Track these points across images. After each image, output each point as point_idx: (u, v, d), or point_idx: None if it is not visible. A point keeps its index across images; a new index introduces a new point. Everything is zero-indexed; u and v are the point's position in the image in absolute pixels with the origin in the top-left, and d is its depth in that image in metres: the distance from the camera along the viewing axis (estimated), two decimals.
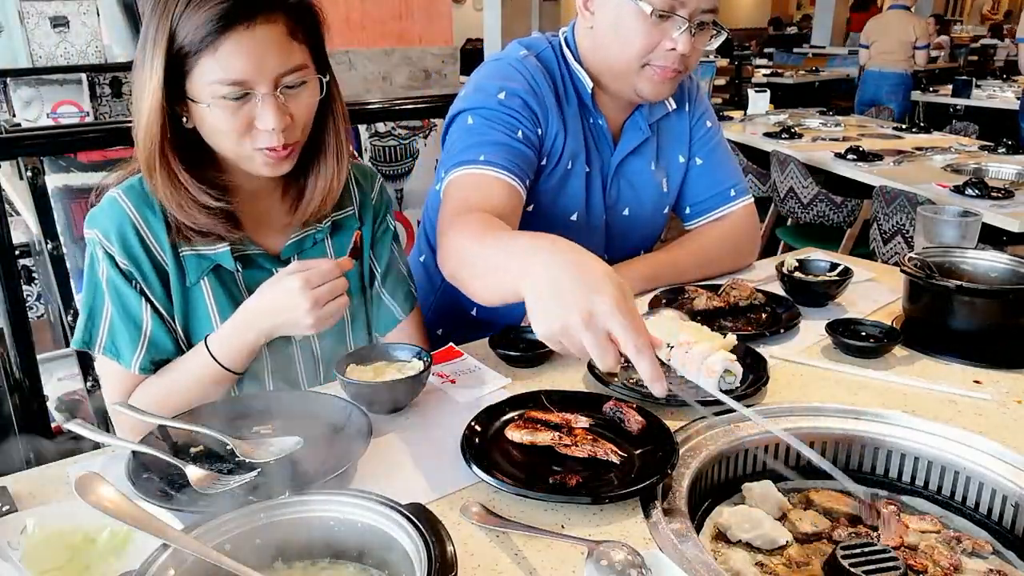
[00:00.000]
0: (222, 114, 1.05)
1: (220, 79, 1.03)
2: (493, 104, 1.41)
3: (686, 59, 1.40)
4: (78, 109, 4.10)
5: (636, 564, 0.72)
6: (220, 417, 1.02)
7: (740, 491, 1.00)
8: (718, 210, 1.66)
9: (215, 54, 1.02)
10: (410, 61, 5.51)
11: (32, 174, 1.48)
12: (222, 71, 1.02)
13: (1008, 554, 0.93)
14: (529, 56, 1.49)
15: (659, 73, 1.41)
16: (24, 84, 3.98)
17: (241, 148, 1.10)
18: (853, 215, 3.76)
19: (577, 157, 1.50)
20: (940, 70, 9.36)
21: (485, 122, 1.40)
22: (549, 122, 1.45)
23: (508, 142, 1.38)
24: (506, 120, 1.40)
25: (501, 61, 1.50)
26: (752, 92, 5.58)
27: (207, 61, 1.03)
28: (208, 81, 1.03)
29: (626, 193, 1.60)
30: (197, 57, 1.03)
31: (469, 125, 1.41)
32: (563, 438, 0.96)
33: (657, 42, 1.38)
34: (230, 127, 1.07)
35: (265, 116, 1.06)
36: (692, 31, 1.37)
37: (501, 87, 1.43)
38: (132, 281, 1.16)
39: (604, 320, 0.81)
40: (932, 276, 1.24)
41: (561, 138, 1.47)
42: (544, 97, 1.44)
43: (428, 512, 0.74)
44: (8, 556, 0.79)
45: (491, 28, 10.08)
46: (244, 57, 1.02)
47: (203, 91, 1.05)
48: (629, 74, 1.43)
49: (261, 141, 1.09)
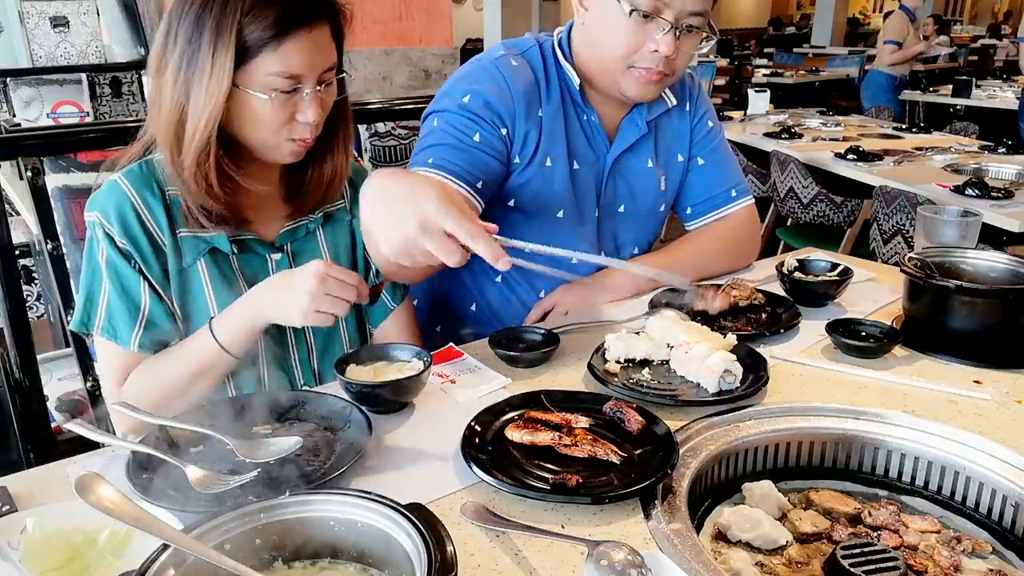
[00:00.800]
0: (272, 105, 1.14)
1: (279, 72, 1.12)
2: (455, 108, 1.44)
3: (672, 62, 1.40)
4: (78, 109, 4.10)
5: (636, 564, 0.72)
6: (220, 417, 1.02)
7: (740, 491, 1.00)
8: (719, 210, 1.66)
9: (278, 49, 1.11)
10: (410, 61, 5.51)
11: (32, 174, 1.48)
12: (282, 65, 1.12)
13: (1008, 554, 0.93)
14: (506, 55, 1.50)
15: (643, 74, 1.41)
16: (24, 84, 3.98)
17: (277, 137, 1.17)
18: (853, 215, 3.76)
19: (557, 154, 1.50)
20: (940, 70, 9.37)
21: (444, 125, 1.43)
22: (516, 122, 1.46)
23: (461, 147, 1.41)
24: (465, 124, 1.43)
25: (476, 63, 1.52)
26: (752, 92, 5.58)
27: (269, 55, 1.11)
28: (267, 73, 1.12)
29: (622, 190, 1.60)
30: (259, 51, 1.11)
31: (432, 127, 1.45)
32: (563, 438, 0.96)
33: (641, 43, 1.38)
34: (276, 118, 1.15)
35: (309, 110, 1.16)
36: (677, 34, 1.37)
37: (467, 90, 1.45)
38: (131, 261, 1.19)
39: (436, 221, 0.91)
40: (932, 276, 1.24)
41: (534, 135, 1.48)
42: (512, 98, 1.45)
43: (428, 512, 0.74)
44: (8, 556, 0.79)
45: (491, 28, 10.08)
46: (301, 55, 1.12)
47: (260, 82, 1.12)
48: (615, 73, 1.44)
49: (297, 132, 1.18)
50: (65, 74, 4.11)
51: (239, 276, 1.26)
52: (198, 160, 1.14)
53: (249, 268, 1.27)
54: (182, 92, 1.13)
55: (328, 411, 1.05)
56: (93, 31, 4.56)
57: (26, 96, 3.98)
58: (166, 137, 1.16)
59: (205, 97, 1.11)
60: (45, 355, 2.23)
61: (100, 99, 4.19)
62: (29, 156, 1.48)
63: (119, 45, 4.88)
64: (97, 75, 4.18)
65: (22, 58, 4.43)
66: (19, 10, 4.35)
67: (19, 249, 2.38)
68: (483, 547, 0.81)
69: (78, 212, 1.47)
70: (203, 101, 1.11)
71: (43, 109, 4.01)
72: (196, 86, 1.12)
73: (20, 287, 1.61)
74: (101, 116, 4.18)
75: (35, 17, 4.42)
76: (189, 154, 1.14)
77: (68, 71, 4.15)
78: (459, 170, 1.38)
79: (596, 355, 1.21)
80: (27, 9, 4.38)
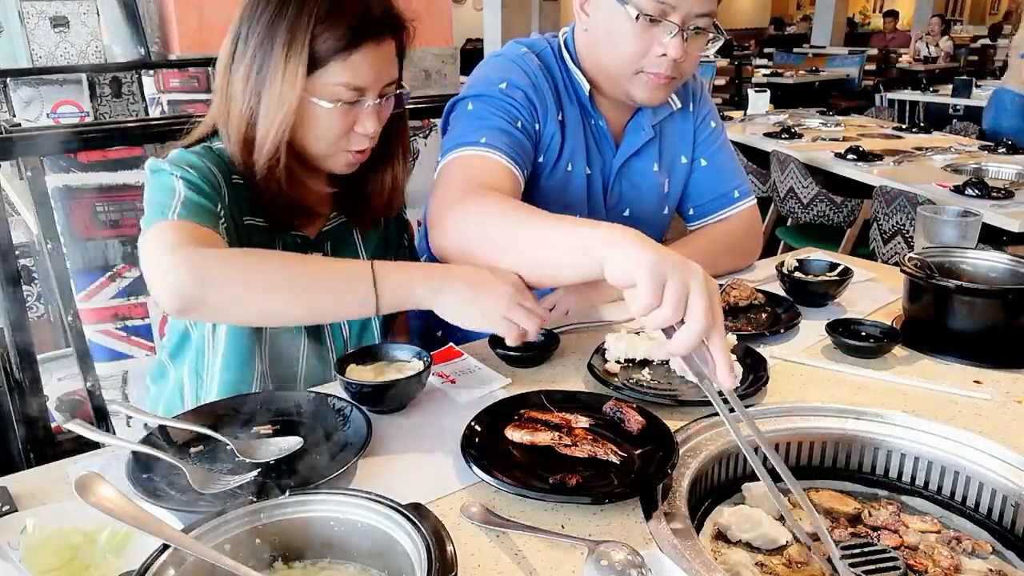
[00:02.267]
0: (335, 114, 1.15)
1: (346, 83, 1.13)
2: (495, 92, 1.41)
3: (680, 65, 1.38)
4: (78, 109, 4.10)
5: (636, 564, 0.72)
6: (220, 417, 1.02)
7: (740, 491, 1.00)
8: (722, 212, 1.65)
9: (347, 60, 1.12)
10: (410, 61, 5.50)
11: (32, 174, 1.47)
12: (350, 76, 1.13)
13: (1008, 554, 0.93)
14: (529, 54, 1.49)
15: (652, 79, 1.40)
16: (24, 84, 3.98)
17: (335, 147, 1.19)
18: (853, 215, 3.76)
19: (577, 158, 1.50)
20: (940, 70, 9.37)
21: (486, 108, 1.40)
22: (547, 119, 1.45)
23: (509, 129, 1.38)
24: (507, 108, 1.40)
25: (502, 57, 1.50)
26: (752, 92, 5.58)
27: (337, 65, 1.13)
28: (334, 83, 1.13)
29: (628, 194, 1.60)
30: (328, 61, 1.12)
31: (469, 111, 1.41)
32: (563, 438, 0.96)
33: (648, 47, 1.36)
34: (338, 127, 1.17)
35: (368, 122, 1.17)
36: (684, 36, 1.35)
37: (503, 79, 1.43)
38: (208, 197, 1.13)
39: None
40: (932, 276, 1.24)
41: (559, 137, 1.47)
42: (544, 94, 1.44)
43: (428, 512, 0.74)
44: (8, 556, 0.79)
45: (491, 28, 10.08)
46: (368, 67, 1.14)
47: (327, 92, 1.14)
48: (622, 79, 1.42)
49: (354, 144, 1.20)
50: (65, 74, 4.11)
51: None
52: (270, 163, 1.15)
53: None
54: (253, 95, 1.14)
55: (328, 411, 1.05)
56: (93, 31, 4.56)
57: (26, 96, 3.99)
58: (236, 138, 1.17)
59: (277, 102, 1.12)
60: (45, 355, 2.22)
61: (100, 99, 4.19)
62: (29, 156, 1.48)
63: (119, 45, 4.88)
64: (97, 75, 4.18)
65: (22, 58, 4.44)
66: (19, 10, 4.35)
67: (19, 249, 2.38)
68: (483, 547, 0.81)
69: (78, 212, 1.47)
70: (275, 106, 1.12)
71: (43, 109, 4.01)
72: (267, 91, 1.12)
73: (20, 287, 1.61)
74: (101, 116, 4.18)
75: (35, 17, 4.42)
76: (261, 157, 1.15)
77: (68, 71, 4.15)
78: (514, 153, 1.35)
79: (596, 355, 1.21)
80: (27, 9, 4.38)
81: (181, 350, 1.33)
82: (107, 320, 1.52)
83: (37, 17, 4.43)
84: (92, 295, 1.50)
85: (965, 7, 20.04)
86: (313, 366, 1.32)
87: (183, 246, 1.01)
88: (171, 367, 1.35)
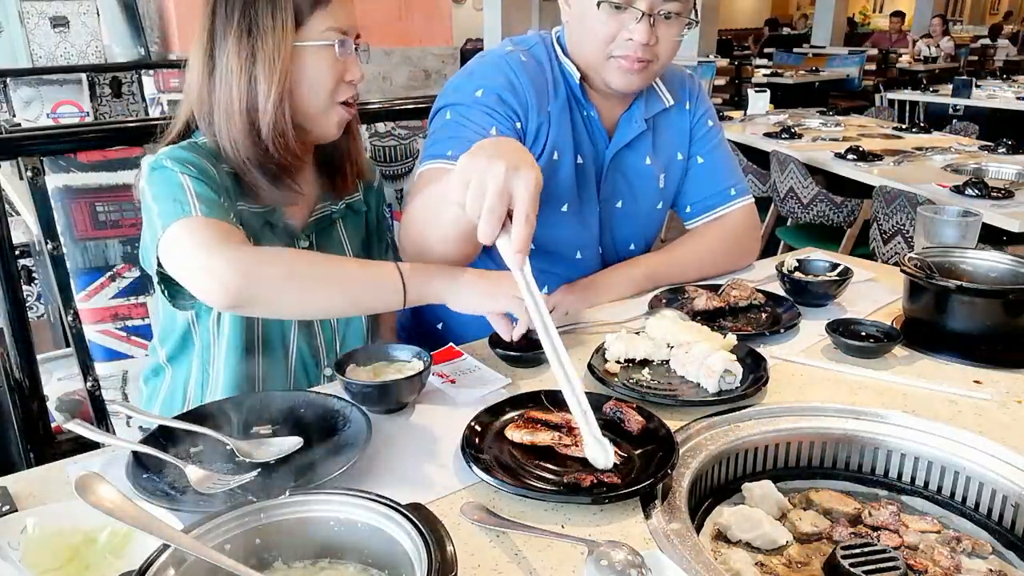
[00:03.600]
0: (327, 61, 1.22)
1: (331, 27, 1.22)
2: (469, 102, 1.44)
3: (652, 48, 1.41)
4: (78, 109, 4.11)
5: (636, 564, 0.72)
6: (220, 417, 1.02)
7: (740, 491, 1.00)
8: (718, 209, 1.66)
9: (327, 8, 1.21)
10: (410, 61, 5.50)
11: (32, 174, 1.47)
12: (334, 20, 1.22)
13: (1008, 554, 0.93)
14: (515, 51, 1.51)
15: (623, 63, 1.42)
16: (24, 84, 3.99)
17: (328, 100, 1.25)
18: (853, 215, 3.76)
19: (564, 149, 1.51)
20: (940, 70, 9.37)
21: (460, 118, 1.43)
22: (529, 116, 1.47)
23: (479, 139, 1.39)
24: (480, 117, 1.43)
25: (484, 58, 1.53)
26: (752, 92, 5.58)
27: (320, 13, 1.21)
28: (321, 29, 1.21)
29: (620, 186, 1.60)
30: (312, 10, 1.20)
31: (446, 120, 1.45)
32: (563, 438, 0.96)
33: (615, 33, 1.40)
34: (330, 75, 1.23)
35: (355, 68, 1.26)
36: (652, 21, 1.38)
37: (479, 85, 1.45)
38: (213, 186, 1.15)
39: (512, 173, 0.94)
40: (932, 276, 1.24)
41: (544, 130, 1.48)
42: (524, 92, 1.46)
43: (428, 512, 0.74)
44: (8, 556, 0.79)
45: (491, 28, 10.08)
46: (345, 11, 1.24)
47: (316, 36, 1.21)
48: (597, 64, 1.46)
49: (343, 93, 1.26)
50: (65, 74, 4.11)
51: None
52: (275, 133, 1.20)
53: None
54: (247, 59, 1.18)
55: (328, 411, 1.04)
56: (93, 31, 4.57)
57: (26, 96, 3.99)
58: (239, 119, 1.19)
59: (274, 54, 1.18)
60: (45, 355, 2.22)
61: (100, 99, 4.19)
62: (29, 156, 1.47)
63: (119, 45, 4.89)
64: (97, 75, 4.18)
65: (22, 58, 4.44)
66: (19, 10, 4.36)
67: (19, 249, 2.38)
68: (483, 547, 0.81)
69: (78, 212, 1.47)
70: (273, 59, 1.18)
71: (43, 109, 4.02)
72: (260, 51, 1.18)
73: (20, 287, 1.61)
74: (101, 116, 4.19)
75: (35, 17, 4.43)
76: (267, 112, 1.19)
77: (68, 71, 4.16)
78: None
79: (596, 355, 1.21)
80: (27, 9, 4.39)
81: (183, 350, 1.33)
82: (107, 320, 1.52)
83: (37, 17, 4.43)
84: (92, 295, 1.50)
85: (965, 7, 20.05)
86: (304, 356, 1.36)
87: (221, 244, 1.05)
88: (169, 368, 1.36)
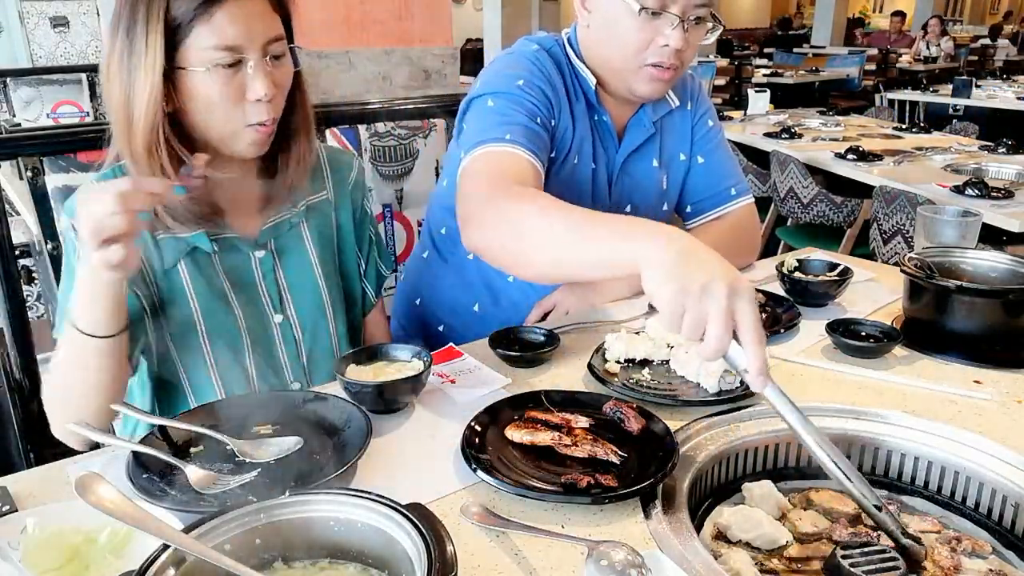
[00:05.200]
0: (216, 81, 1.09)
1: (215, 44, 1.07)
2: (513, 89, 1.42)
3: (681, 54, 1.41)
4: (78, 109, 4.11)
5: (636, 564, 0.72)
6: (220, 417, 1.02)
7: (740, 491, 1.00)
8: (718, 209, 1.66)
9: (210, 21, 1.06)
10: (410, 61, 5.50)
11: (32, 174, 1.48)
12: (216, 37, 1.07)
13: (1008, 554, 0.93)
14: (541, 51, 1.51)
15: (655, 72, 1.42)
16: (24, 84, 3.99)
17: (231, 123, 1.12)
18: (853, 215, 3.76)
19: (583, 152, 1.52)
20: (940, 70, 9.37)
21: (507, 104, 1.40)
22: (561, 114, 1.47)
23: (530, 125, 1.39)
24: (526, 104, 1.41)
25: (515, 54, 1.51)
26: (752, 92, 5.58)
27: (202, 29, 1.07)
28: (202, 47, 1.07)
29: (629, 190, 1.61)
30: (191, 25, 1.07)
31: (490, 107, 1.41)
32: (563, 438, 0.96)
33: (650, 39, 1.39)
34: (223, 96, 1.10)
35: (256, 84, 1.10)
36: (685, 27, 1.37)
37: (519, 75, 1.44)
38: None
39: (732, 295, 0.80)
40: (932, 276, 1.24)
41: (571, 131, 1.49)
42: (558, 90, 1.46)
43: (428, 512, 0.74)
44: (8, 556, 0.79)
45: (491, 28, 10.08)
46: (236, 24, 1.07)
47: (197, 58, 1.08)
48: (626, 72, 1.44)
49: (252, 115, 1.12)
50: (65, 74, 4.11)
51: (223, 277, 1.24)
52: (148, 147, 1.09)
53: (232, 267, 1.25)
54: (127, 81, 1.09)
55: (328, 411, 1.05)
56: (93, 31, 4.57)
57: (26, 96, 3.99)
58: (119, 128, 1.11)
59: (143, 79, 1.07)
60: (45, 355, 2.22)
61: (100, 99, 4.19)
62: (29, 156, 1.48)
63: None
64: (97, 75, 4.18)
65: (22, 58, 4.44)
66: (19, 10, 4.36)
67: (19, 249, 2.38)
68: (483, 547, 0.81)
69: None
70: (142, 83, 1.07)
71: (43, 109, 4.02)
72: (135, 74, 1.08)
73: (20, 287, 1.61)
74: (101, 116, 4.18)
75: (35, 17, 4.43)
76: (138, 142, 1.09)
77: (68, 71, 4.16)
78: (537, 149, 1.35)
79: (596, 355, 1.21)
80: (27, 9, 4.39)
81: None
82: None
83: (37, 17, 4.43)
84: None
85: (965, 7, 20.05)
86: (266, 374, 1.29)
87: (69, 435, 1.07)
88: None
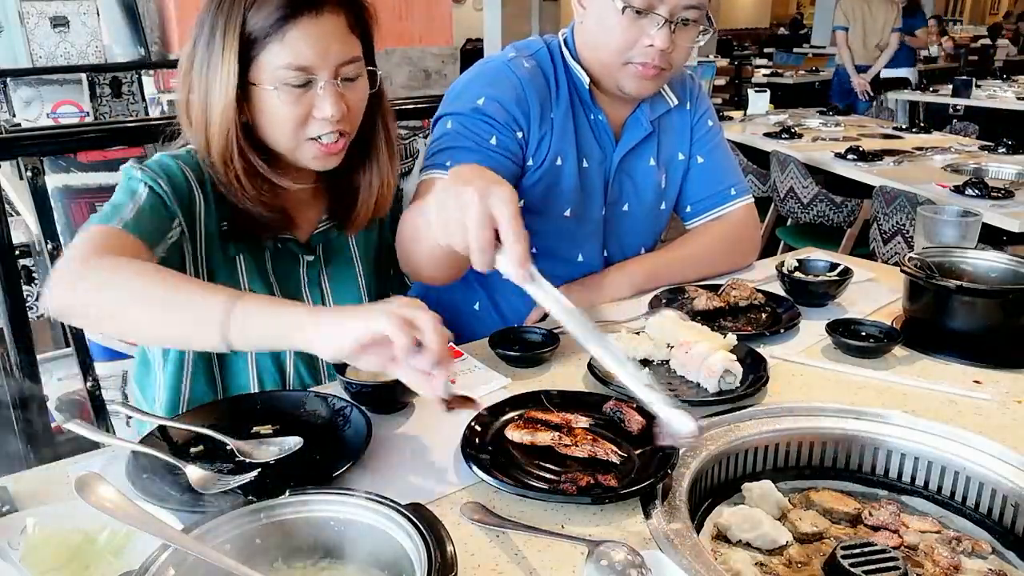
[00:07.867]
0: (285, 99, 1.10)
1: (286, 64, 1.08)
2: (469, 111, 1.43)
3: (668, 56, 1.41)
4: (78, 109, 4.11)
5: (636, 564, 0.72)
6: (220, 417, 1.02)
7: (740, 491, 1.00)
8: (718, 209, 1.66)
9: (283, 40, 1.08)
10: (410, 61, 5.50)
11: (32, 174, 1.48)
12: (289, 56, 1.08)
13: (1008, 554, 0.93)
14: (517, 58, 1.50)
15: (640, 70, 1.42)
16: (24, 84, 3.99)
17: (297, 138, 1.13)
18: (853, 215, 3.76)
19: (567, 154, 1.51)
20: (940, 70, 9.36)
21: (459, 128, 1.43)
22: (531, 125, 1.46)
23: (478, 149, 1.41)
24: (481, 127, 1.42)
25: (487, 65, 1.52)
26: (752, 92, 5.58)
27: (275, 47, 1.08)
28: (274, 66, 1.09)
29: (627, 190, 1.60)
30: (265, 43, 1.08)
31: (447, 129, 1.44)
32: (563, 438, 0.96)
33: (635, 39, 1.39)
34: (291, 114, 1.11)
35: (324, 104, 1.11)
36: (672, 28, 1.37)
37: (481, 93, 1.45)
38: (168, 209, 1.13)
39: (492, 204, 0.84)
40: (932, 276, 1.24)
41: (548, 138, 1.48)
42: (527, 100, 1.46)
43: (428, 512, 0.74)
44: (8, 556, 0.79)
45: (491, 28, 10.07)
46: (309, 44, 1.08)
47: (269, 76, 1.10)
48: (613, 69, 1.45)
49: (315, 130, 1.13)
50: (65, 74, 4.11)
51: (271, 273, 1.26)
52: (224, 159, 1.12)
53: (281, 267, 1.27)
54: (204, 93, 1.12)
55: (328, 411, 1.05)
56: (93, 31, 4.56)
57: (26, 96, 3.99)
58: (197, 140, 1.15)
59: (219, 94, 1.10)
60: (45, 355, 2.23)
61: (100, 99, 4.19)
62: (29, 156, 1.48)
63: (119, 45, 4.88)
64: (97, 75, 4.18)
65: (22, 58, 4.44)
66: (19, 10, 4.36)
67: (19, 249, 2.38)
68: (483, 547, 0.81)
69: (78, 212, 1.47)
70: (218, 98, 1.10)
71: (43, 109, 4.02)
72: (211, 85, 1.11)
73: (20, 287, 1.61)
74: (101, 116, 4.19)
75: (35, 17, 4.43)
76: (215, 154, 1.12)
77: (68, 71, 4.16)
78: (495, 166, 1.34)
79: None
80: (27, 9, 4.39)
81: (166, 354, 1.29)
82: None
83: (37, 17, 4.43)
84: None
85: (965, 7, 20.05)
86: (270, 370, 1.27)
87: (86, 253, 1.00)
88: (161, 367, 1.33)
